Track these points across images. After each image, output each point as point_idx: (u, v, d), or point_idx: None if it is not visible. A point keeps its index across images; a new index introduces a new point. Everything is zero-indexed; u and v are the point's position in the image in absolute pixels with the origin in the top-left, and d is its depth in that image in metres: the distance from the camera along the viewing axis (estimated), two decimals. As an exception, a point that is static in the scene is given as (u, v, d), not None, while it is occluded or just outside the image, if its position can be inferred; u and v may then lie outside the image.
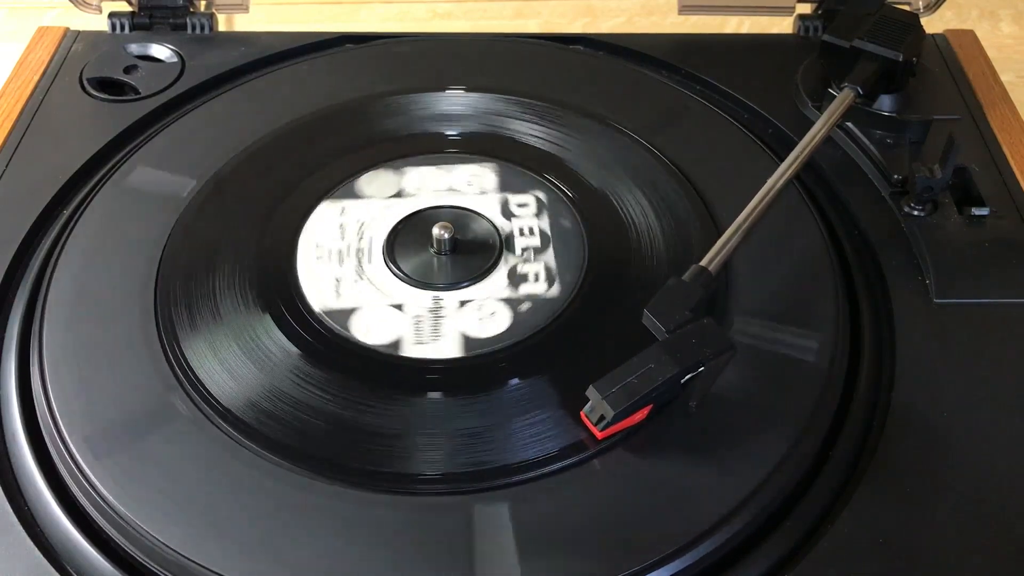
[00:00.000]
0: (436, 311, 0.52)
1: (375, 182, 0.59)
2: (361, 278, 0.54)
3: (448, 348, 0.50)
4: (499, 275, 0.54)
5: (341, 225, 0.56)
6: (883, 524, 0.44)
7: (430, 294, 0.53)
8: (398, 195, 0.58)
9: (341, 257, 0.55)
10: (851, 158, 0.61)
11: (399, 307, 0.52)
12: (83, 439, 0.46)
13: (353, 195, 0.58)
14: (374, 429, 0.47)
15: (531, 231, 0.56)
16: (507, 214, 0.57)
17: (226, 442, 0.46)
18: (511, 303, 0.52)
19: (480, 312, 0.52)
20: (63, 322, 0.51)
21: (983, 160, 0.60)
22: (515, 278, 0.53)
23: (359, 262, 0.54)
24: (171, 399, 0.48)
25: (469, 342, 0.50)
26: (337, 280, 0.53)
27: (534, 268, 0.54)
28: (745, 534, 0.44)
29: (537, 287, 0.53)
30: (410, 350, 0.50)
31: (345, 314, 0.52)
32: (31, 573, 0.43)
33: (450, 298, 0.53)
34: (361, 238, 0.56)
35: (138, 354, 0.49)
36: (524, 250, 0.55)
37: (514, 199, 0.58)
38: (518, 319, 0.51)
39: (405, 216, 0.57)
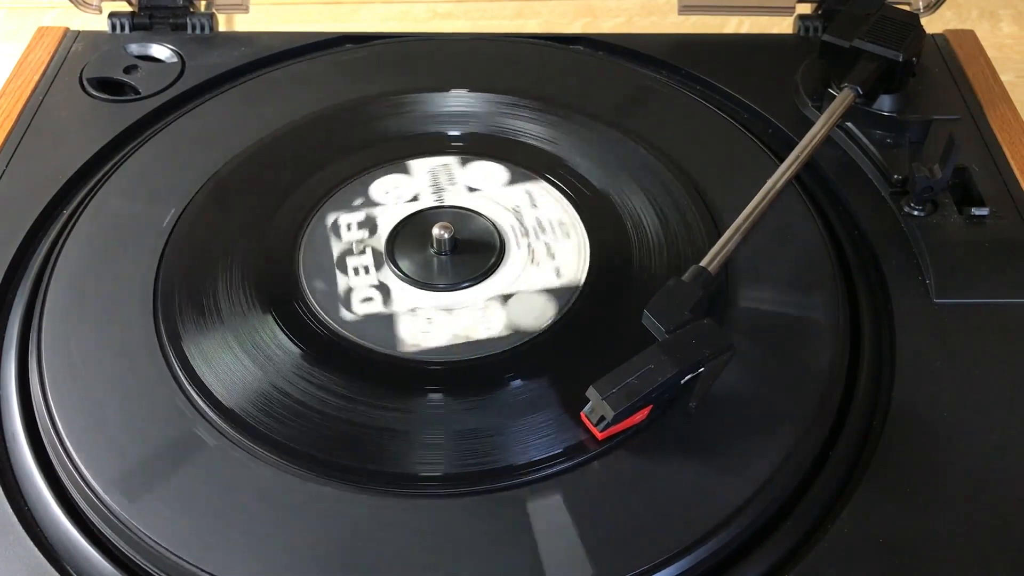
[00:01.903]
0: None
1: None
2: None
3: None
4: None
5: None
6: (883, 524, 0.44)
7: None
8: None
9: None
10: (851, 158, 0.61)
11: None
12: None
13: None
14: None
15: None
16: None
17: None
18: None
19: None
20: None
21: (983, 160, 0.60)
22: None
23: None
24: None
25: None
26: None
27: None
28: (745, 534, 0.44)
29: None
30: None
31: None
32: (31, 573, 0.43)
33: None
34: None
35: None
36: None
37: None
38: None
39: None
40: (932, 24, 0.69)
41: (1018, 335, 0.51)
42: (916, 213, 0.57)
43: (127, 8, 0.72)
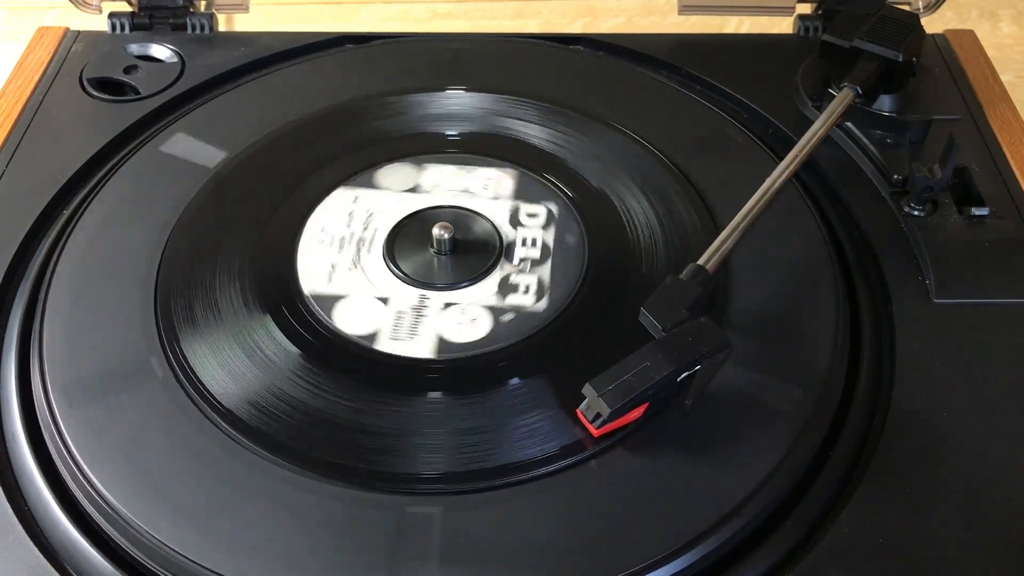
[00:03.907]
0: (419, 310, 0.52)
1: (379, 180, 0.59)
2: (355, 267, 0.54)
3: (421, 348, 0.50)
4: (490, 282, 0.53)
5: (350, 212, 0.56)
6: (883, 524, 0.44)
7: (418, 292, 0.53)
8: (402, 194, 0.58)
9: (342, 244, 0.55)
10: (851, 158, 0.61)
11: (384, 301, 0.52)
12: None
13: (357, 193, 0.58)
14: (358, 425, 0.47)
15: (534, 242, 0.55)
16: (515, 222, 0.57)
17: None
18: (494, 311, 0.52)
19: (462, 316, 0.52)
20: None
21: (983, 160, 0.60)
22: (505, 287, 0.53)
23: (358, 251, 0.55)
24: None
25: (443, 344, 0.50)
26: (332, 266, 0.54)
27: (526, 280, 0.54)
28: (745, 534, 0.44)
29: (525, 299, 0.53)
30: (385, 345, 0.50)
31: (331, 300, 0.52)
32: (31, 573, 0.43)
33: (436, 298, 0.52)
34: (366, 228, 0.56)
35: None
36: (522, 260, 0.55)
37: (525, 208, 0.57)
38: (497, 328, 0.51)
39: (407, 215, 0.57)
40: (932, 24, 0.69)
41: (1018, 335, 0.51)
42: (916, 213, 0.57)
43: (127, 8, 0.72)
